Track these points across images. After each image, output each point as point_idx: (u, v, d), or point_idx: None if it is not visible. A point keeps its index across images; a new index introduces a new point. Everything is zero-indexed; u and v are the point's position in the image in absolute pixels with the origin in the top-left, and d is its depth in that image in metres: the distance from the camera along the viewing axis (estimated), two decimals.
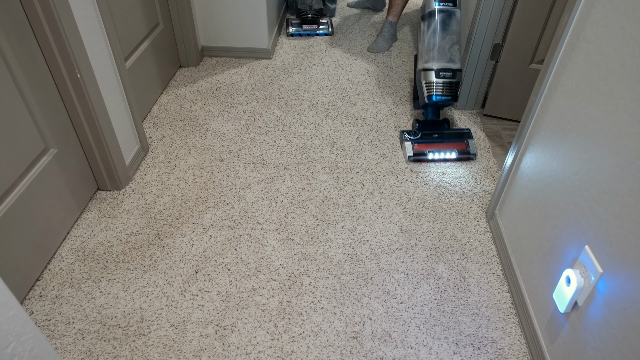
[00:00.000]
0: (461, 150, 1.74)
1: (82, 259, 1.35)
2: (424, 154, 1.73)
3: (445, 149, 1.74)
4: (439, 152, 1.73)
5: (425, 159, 1.74)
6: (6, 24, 1.11)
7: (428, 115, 1.86)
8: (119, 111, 1.55)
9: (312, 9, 2.69)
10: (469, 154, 1.73)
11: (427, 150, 1.73)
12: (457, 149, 1.74)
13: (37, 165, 1.27)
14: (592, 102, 0.96)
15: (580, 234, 0.97)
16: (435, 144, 1.76)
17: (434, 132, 1.81)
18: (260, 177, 1.66)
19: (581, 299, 0.95)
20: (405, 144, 1.76)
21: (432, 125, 1.85)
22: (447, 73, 1.72)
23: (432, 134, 1.80)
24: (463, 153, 1.74)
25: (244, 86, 2.17)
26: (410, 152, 1.73)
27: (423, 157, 1.72)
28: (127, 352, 1.14)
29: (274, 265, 1.36)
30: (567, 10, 1.07)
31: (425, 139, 1.78)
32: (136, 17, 1.80)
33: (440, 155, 1.73)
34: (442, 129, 1.83)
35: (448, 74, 1.72)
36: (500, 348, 1.17)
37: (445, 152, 1.73)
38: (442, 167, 1.72)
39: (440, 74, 1.72)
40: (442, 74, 1.72)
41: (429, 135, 1.79)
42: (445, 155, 1.73)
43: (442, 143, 1.76)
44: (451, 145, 1.76)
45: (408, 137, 1.78)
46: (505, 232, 1.38)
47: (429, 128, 1.83)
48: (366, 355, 1.14)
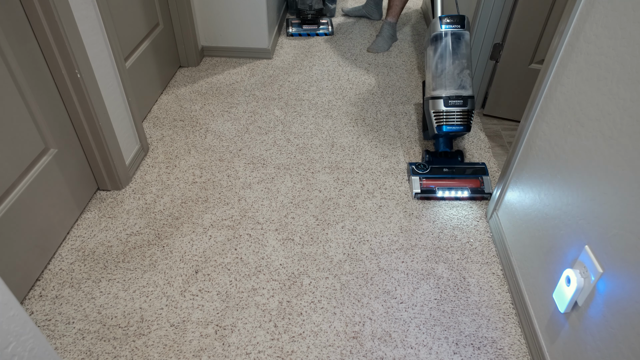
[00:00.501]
0: (474, 188, 1.59)
1: (82, 259, 1.35)
2: (432, 191, 1.59)
3: (457, 187, 1.60)
4: (449, 190, 1.59)
5: (434, 197, 1.60)
6: (6, 24, 1.11)
7: (439, 147, 1.70)
8: (119, 111, 1.55)
9: (312, 9, 2.69)
10: (483, 193, 1.58)
11: (437, 188, 1.59)
12: (469, 187, 1.60)
13: (37, 165, 1.27)
14: (592, 102, 0.96)
15: (580, 234, 0.97)
16: (445, 179, 1.62)
17: (444, 166, 1.66)
18: (260, 177, 1.66)
19: (581, 299, 0.95)
20: (413, 178, 1.62)
21: (443, 158, 1.69)
22: (458, 101, 1.59)
23: (442, 168, 1.65)
24: (476, 192, 1.59)
25: (244, 86, 2.17)
26: (418, 189, 1.59)
27: (432, 194, 1.59)
28: (127, 352, 1.14)
29: (274, 265, 1.36)
30: (567, 10, 1.07)
31: (435, 173, 1.63)
32: (136, 17, 1.81)
33: (451, 194, 1.59)
34: (454, 163, 1.67)
35: (459, 102, 1.59)
36: (500, 348, 1.17)
37: (457, 190, 1.59)
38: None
39: (449, 102, 1.59)
40: (452, 102, 1.59)
41: (439, 170, 1.64)
42: (456, 193, 1.59)
43: (453, 179, 1.62)
44: (463, 182, 1.61)
45: (416, 170, 1.64)
46: (505, 232, 1.38)
47: (440, 161, 1.68)
48: (366, 355, 1.14)
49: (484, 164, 1.67)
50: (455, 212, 1.54)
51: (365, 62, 2.40)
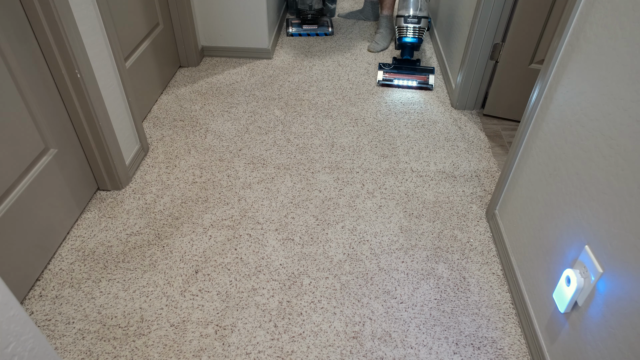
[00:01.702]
0: (421, 81, 2.17)
1: (82, 259, 1.35)
2: (391, 80, 2.17)
3: (409, 79, 2.18)
4: (402, 79, 2.17)
5: (392, 84, 2.17)
6: (6, 24, 1.11)
7: (403, 54, 2.28)
8: (119, 111, 1.55)
9: (312, 9, 2.69)
10: (427, 84, 2.16)
11: (394, 78, 2.18)
12: (417, 80, 2.17)
13: (37, 165, 1.27)
14: (592, 102, 0.96)
15: (580, 234, 0.97)
16: (401, 74, 2.21)
17: (405, 66, 2.26)
18: (260, 177, 1.66)
19: (581, 299, 0.95)
20: (379, 71, 2.23)
21: (405, 62, 2.29)
22: (414, 19, 2.14)
23: (402, 68, 2.25)
24: (422, 83, 2.16)
25: (244, 86, 2.17)
26: (380, 78, 2.18)
27: (390, 82, 2.17)
28: (127, 352, 1.14)
29: (274, 265, 1.36)
30: (567, 10, 1.07)
31: (397, 70, 2.24)
32: (136, 17, 1.81)
33: (403, 82, 2.16)
34: (413, 65, 2.27)
35: (415, 20, 2.14)
36: (500, 348, 1.17)
37: (408, 81, 2.17)
38: (442, 166, 1.72)
39: (407, 20, 2.15)
40: (410, 20, 2.15)
41: (399, 69, 2.25)
42: (407, 82, 2.16)
43: (407, 74, 2.20)
44: (414, 77, 2.19)
45: (382, 66, 2.26)
46: (505, 232, 1.38)
47: (403, 64, 2.28)
48: (366, 355, 1.14)
49: (433, 68, 2.27)
50: (456, 211, 1.54)
51: (365, 62, 2.40)
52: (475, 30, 1.81)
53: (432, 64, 2.42)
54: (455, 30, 2.15)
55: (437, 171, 1.71)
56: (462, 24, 2.04)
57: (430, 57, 2.47)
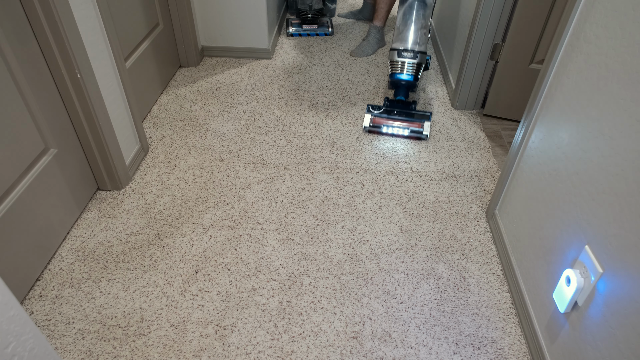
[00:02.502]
0: (414, 129, 1.86)
1: (82, 259, 1.35)
2: (379, 127, 1.87)
3: (400, 126, 1.86)
4: (392, 127, 1.86)
5: (380, 132, 1.88)
6: (6, 24, 1.11)
7: (396, 95, 1.96)
8: (119, 111, 1.55)
9: (312, 9, 2.69)
10: (421, 134, 1.85)
11: (383, 125, 1.87)
12: (410, 127, 1.86)
13: (37, 165, 1.27)
14: (592, 102, 0.96)
15: (580, 234, 0.97)
16: (392, 120, 1.89)
17: (397, 109, 1.94)
18: (260, 177, 1.66)
19: (581, 299, 0.95)
20: (366, 115, 1.91)
21: (398, 104, 1.96)
22: (409, 54, 1.84)
23: (393, 111, 1.93)
24: (415, 132, 1.85)
25: (244, 86, 2.17)
26: (367, 124, 1.88)
27: (378, 129, 1.87)
28: (127, 352, 1.14)
29: (274, 265, 1.36)
30: (567, 10, 1.07)
31: (386, 114, 1.91)
32: (136, 17, 1.81)
33: (393, 131, 1.86)
34: (407, 109, 1.94)
35: (410, 55, 1.84)
36: (500, 348, 1.17)
37: (399, 129, 1.86)
38: (442, 166, 1.72)
39: (402, 54, 1.85)
40: (405, 54, 1.85)
41: (390, 112, 1.92)
42: (397, 131, 1.86)
43: (399, 120, 1.89)
44: (407, 123, 1.88)
45: (371, 110, 1.94)
46: (505, 232, 1.38)
47: (395, 106, 1.96)
48: (366, 355, 1.14)
49: (430, 113, 1.93)
50: (456, 211, 1.54)
51: (365, 62, 2.40)
52: (475, 30, 1.81)
53: (431, 64, 2.42)
54: (455, 30, 2.15)
55: (437, 171, 1.71)
56: (462, 24, 2.04)
57: (430, 56, 2.47)
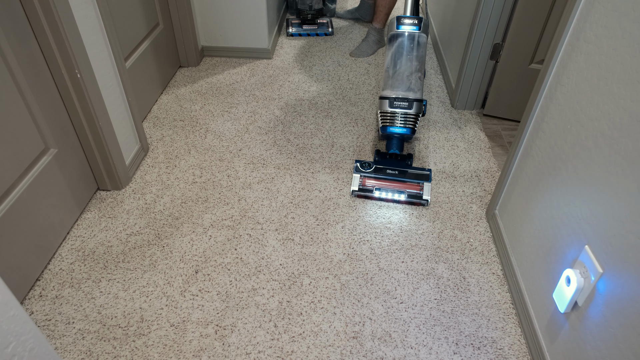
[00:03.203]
0: (413, 193, 1.56)
1: (82, 259, 1.35)
2: (370, 190, 1.57)
3: (395, 189, 1.57)
4: (386, 191, 1.57)
5: (371, 197, 1.57)
6: (6, 24, 1.11)
7: (389, 148, 1.66)
8: (119, 111, 1.55)
9: (312, 9, 2.69)
10: (421, 198, 1.54)
11: (374, 188, 1.58)
12: (408, 191, 1.57)
13: (37, 165, 1.27)
14: (592, 102, 0.96)
15: (580, 234, 0.97)
16: (385, 181, 1.60)
17: (390, 167, 1.65)
18: (260, 177, 1.66)
19: (581, 299, 0.95)
20: (354, 176, 1.61)
21: (391, 160, 1.69)
22: (403, 103, 1.56)
23: (386, 170, 1.64)
24: (414, 197, 1.55)
25: (244, 86, 2.17)
26: (355, 187, 1.57)
27: (369, 194, 1.57)
28: (127, 352, 1.14)
29: (274, 265, 1.36)
30: (567, 10, 1.07)
31: (378, 173, 1.62)
32: (136, 17, 1.81)
33: (388, 196, 1.56)
34: (401, 166, 1.66)
35: (404, 104, 1.56)
36: (500, 348, 1.17)
37: (395, 193, 1.56)
38: (442, 166, 1.72)
39: (395, 104, 1.57)
40: (397, 104, 1.56)
41: (382, 171, 1.63)
42: (393, 196, 1.56)
43: (393, 181, 1.60)
44: (403, 185, 1.59)
45: (360, 168, 1.63)
46: (505, 232, 1.38)
47: (387, 163, 1.67)
48: (366, 355, 1.14)
49: (429, 170, 1.64)
50: (456, 211, 1.54)
51: (365, 62, 2.40)
52: (475, 30, 1.82)
53: (431, 64, 2.41)
54: (455, 30, 2.15)
55: (437, 171, 1.71)
56: (462, 24, 2.04)
57: (430, 57, 2.47)
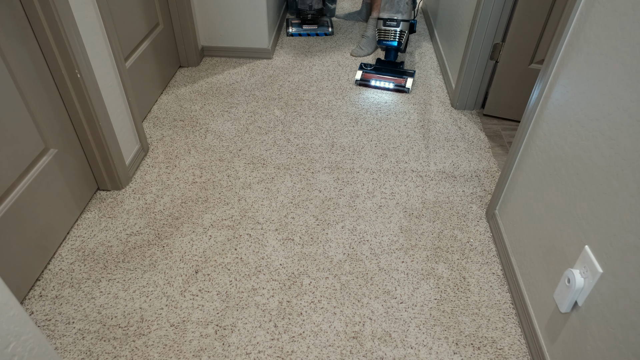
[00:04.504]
0: (398, 84, 2.14)
1: (82, 259, 1.35)
2: (368, 81, 2.16)
3: (386, 80, 2.15)
4: (380, 81, 2.16)
5: (369, 85, 2.16)
6: (6, 24, 1.11)
7: (386, 56, 2.24)
8: (119, 111, 1.55)
9: (312, 9, 2.69)
10: (404, 87, 2.13)
11: (371, 79, 2.16)
12: (395, 82, 2.14)
13: (37, 165, 1.27)
14: (592, 102, 0.96)
15: (580, 234, 0.97)
16: (380, 75, 2.18)
17: (385, 67, 2.22)
18: (260, 177, 1.66)
19: (581, 299, 0.95)
20: (358, 71, 2.21)
21: (387, 64, 2.24)
22: (392, 22, 2.08)
23: (382, 69, 2.21)
24: (399, 86, 2.14)
25: (244, 86, 2.17)
26: (358, 77, 2.18)
27: (367, 82, 2.16)
28: (127, 352, 1.14)
29: (274, 265, 1.36)
30: (567, 10, 1.07)
31: (376, 71, 2.20)
32: (136, 17, 1.81)
33: (380, 84, 2.15)
34: (394, 68, 2.22)
35: (393, 23, 2.08)
36: (500, 348, 1.17)
37: (385, 82, 2.15)
38: (442, 166, 1.72)
39: (386, 23, 2.09)
40: (389, 23, 2.08)
41: (379, 70, 2.21)
42: (383, 84, 2.15)
43: (385, 76, 2.17)
44: (392, 79, 2.16)
45: (363, 67, 2.23)
46: (505, 232, 1.38)
47: (384, 65, 2.24)
48: (366, 355, 1.14)
49: (414, 71, 2.22)
50: (456, 211, 1.54)
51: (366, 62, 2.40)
52: (475, 30, 1.81)
53: (431, 64, 2.42)
54: (455, 30, 2.15)
55: (437, 171, 1.71)
56: (462, 24, 2.04)
57: (430, 57, 2.47)
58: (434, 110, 2.04)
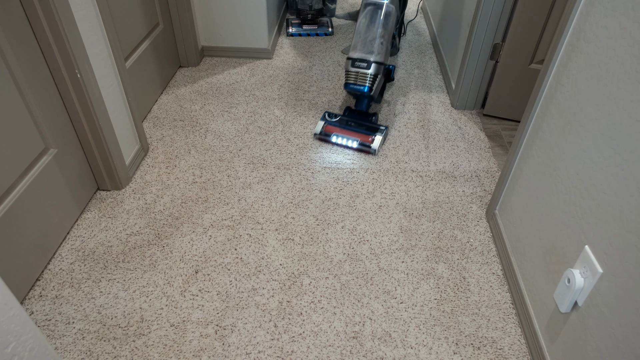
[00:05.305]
0: (363, 142, 1.78)
1: (82, 259, 1.35)
2: (328, 135, 1.82)
3: (350, 137, 1.80)
4: (342, 137, 1.80)
5: (329, 141, 1.83)
6: (6, 24, 1.11)
7: (356, 105, 1.90)
8: (119, 111, 1.55)
9: (312, 9, 2.69)
10: (369, 148, 1.77)
11: (333, 134, 1.82)
12: (360, 140, 1.79)
13: (37, 165, 1.27)
14: (592, 102, 0.96)
15: (580, 234, 0.97)
16: (344, 130, 1.83)
17: (353, 120, 1.87)
18: (260, 177, 1.66)
19: (581, 299, 0.95)
20: (319, 122, 1.86)
21: (357, 115, 1.89)
22: (363, 64, 1.75)
23: (349, 122, 1.86)
24: (363, 145, 1.78)
25: (244, 86, 2.17)
26: (318, 131, 1.83)
27: (327, 138, 1.82)
28: (127, 352, 1.14)
29: (274, 265, 1.36)
30: (567, 10, 1.07)
31: (340, 123, 1.86)
32: (136, 17, 1.81)
33: (342, 141, 1.80)
34: (364, 120, 1.87)
35: (363, 65, 1.75)
36: (500, 348, 1.17)
37: (348, 140, 1.80)
38: (442, 166, 1.72)
39: (356, 64, 1.76)
40: (358, 64, 1.76)
41: (345, 122, 1.86)
42: (346, 142, 1.80)
43: (350, 131, 1.83)
44: (357, 135, 1.81)
45: (326, 117, 1.88)
46: (505, 232, 1.38)
47: (353, 116, 1.89)
48: (366, 355, 1.14)
49: (386, 127, 1.85)
50: (456, 211, 1.54)
51: None
52: (475, 30, 1.82)
53: (431, 64, 2.42)
54: (455, 30, 2.15)
55: (437, 171, 1.71)
56: (462, 24, 2.04)
57: (430, 57, 2.47)
58: (434, 110, 2.04)
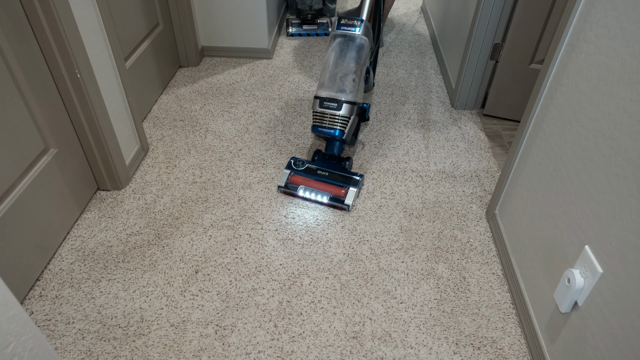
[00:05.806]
0: (335, 196, 1.53)
1: (82, 259, 1.35)
2: (295, 188, 1.56)
3: (319, 191, 1.55)
4: (310, 191, 1.55)
5: (296, 195, 1.57)
6: (6, 24, 1.11)
7: (326, 149, 1.64)
8: (119, 111, 1.55)
9: (312, 9, 2.69)
10: (342, 203, 1.52)
11: (300, 186, 1.56)
12: (331, 194, 1.54)
13: (37, 165, 1.27)
14: (592, 102, 0.96)
15: (580, 234, 0.97)
16: (312, 181, 1.58)
17: (323, 168, 1.62)
18: (260, 177, 1.66)
19: (581, 299, 0.95)
20: (284, 171, 1.60)
21: (327, 162, 1.65)
22: (332, 104, 1.52)
23: (318, 170, 1.61)
24: (336, 200, 1.53)
25: (244, 86, 2.17)
26: (282, 183, 1.57)
27: (293, 191, 1.56)
28: (127, 352, 1.14)
29: (274, 265, 1.36)
30: (567, 10, 1.07)
31: (307, 173, 1.60)
32: (136, 17, 1.81)
33: (311, 196, 1.55)
34: (335, 168, 1.62)
35: (333, 105, 1.52)
36: (500, 348, 1.17)
37: (318, 194, 1.54)
38: (442, 166, 1.72)
39: (324, 104, 1.53)
40: (327, 104, 1.52)
41: (313, 171, 1.61)
42: (316, 197, 1.54)
43: (320, 182, 1.57)
44: (328, 187, 1.56)
45: (292, 165, 1.62)
46: (505, 232, 1.38)
47: (323, 163, 1.64)
48: (366, 355, 1.14)
49: (361, 176, 1.59)
50: (456, 211, 1.54)
51: None
52: (475, 30, 1.82)
53: (431, 64, 2.41)
54: (455, 30, 2.15)
55: (437, 171, 1.71)
56: (462, 24, 2.04)
57: (430, 57, 2.47)
58: (434, 110, 2.04)
